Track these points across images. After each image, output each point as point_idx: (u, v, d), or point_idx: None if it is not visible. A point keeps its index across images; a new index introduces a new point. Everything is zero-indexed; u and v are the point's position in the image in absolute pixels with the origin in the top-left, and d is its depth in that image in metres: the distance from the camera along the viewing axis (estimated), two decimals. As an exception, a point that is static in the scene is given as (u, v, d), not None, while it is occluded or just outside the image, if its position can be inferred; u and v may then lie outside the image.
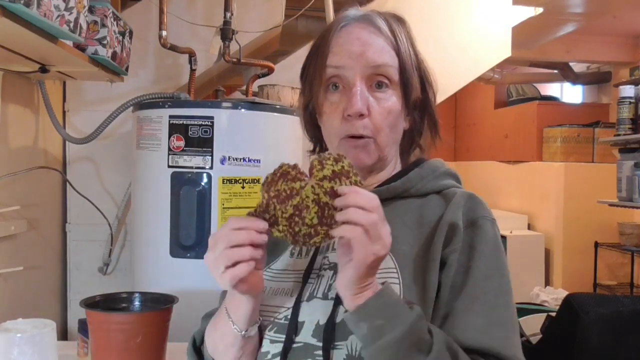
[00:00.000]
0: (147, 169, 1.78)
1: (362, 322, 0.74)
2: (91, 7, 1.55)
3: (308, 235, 0.73)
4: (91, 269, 2.23)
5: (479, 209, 0.88)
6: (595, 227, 4.27)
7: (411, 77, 0.89)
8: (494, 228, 0.87)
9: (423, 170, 0.94)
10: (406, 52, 0.89)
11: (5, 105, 1.73)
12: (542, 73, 5.38)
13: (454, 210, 0.87)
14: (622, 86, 3.14)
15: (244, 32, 2.15)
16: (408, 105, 0.91)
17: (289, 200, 0.74)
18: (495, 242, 0.86)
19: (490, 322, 0.79)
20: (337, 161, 0.74)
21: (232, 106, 1.74)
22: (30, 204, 1.90)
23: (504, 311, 0.81)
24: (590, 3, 3.73)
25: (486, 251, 0.84)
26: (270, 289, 0.91)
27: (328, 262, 0.89)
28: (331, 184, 0.73)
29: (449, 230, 0.85)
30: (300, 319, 0.84)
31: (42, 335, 1.13)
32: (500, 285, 0.83)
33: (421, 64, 0.94)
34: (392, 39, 0.88)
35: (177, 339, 1.27)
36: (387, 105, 0.88)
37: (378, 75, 0.87)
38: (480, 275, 0.82)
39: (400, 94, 0.89)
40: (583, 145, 4.50)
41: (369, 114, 0.86)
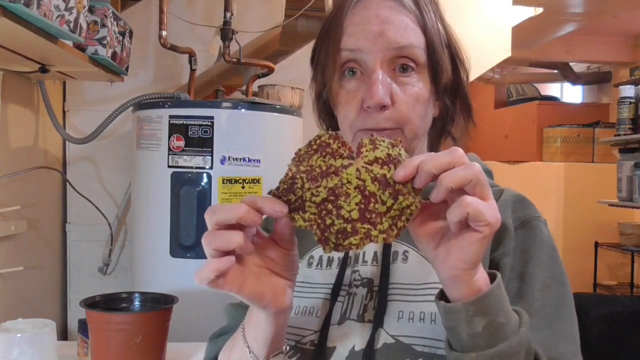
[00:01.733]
0: (147, 169, 1.78)
1: (480, 317, 0.56)
2: (91, 7, 1.55)
3: (342, 232, 0.54)
4: (91, 269, 2.23)
5: (530, 209, 0.77)
6: (595, 227, 4.27)
7: (440, 58, 0.75)
8: (547, 230, 0.77)
9: None
10: (434, 28, 0.75)
11: (5, 105, 1.73)
12: (542, 73, 5.38)
13: (502, 210, 0.70)
14: (622, 86, 3.14)
15: (244, 32, 2.15)
16: (438, 90, 0.78)
17: (324, 179, 0.55)
18: (551, 246, 0.75)
19: (556, 334, 0.69)
20: (394, 145, 0.57)
21: (232, 106, 1.74)
22: (30, 204, 1.90)
23: (569, 324, 0.70)
24: (590, 3, 3.73)
25: (542, 257, 0.73)
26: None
27: (360, 278, 0.75)
28: (384, 171, 0.55)
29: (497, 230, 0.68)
30: (329, 344, 0.71)
31: (42, 335, 1.13)
32: (561, 295, 0.72)
33: (451, 39, 0.80)
34: (417, 14, 0.74)
35: (177, 339, 1.27)
36: (414, 91, 0.73)
37: (402, 57, 0.73)
38: (538, 284, 0.71)
39: (428, 78, 0.75)
40: (583, 145, 4.50)
41: (393, 103, 0.72)
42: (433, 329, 0.67)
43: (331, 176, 0.55)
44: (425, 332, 0.68)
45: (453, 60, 0.80)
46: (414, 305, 0.70)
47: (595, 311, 1.28)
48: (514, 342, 0.57)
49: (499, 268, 0.71)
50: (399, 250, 0.75)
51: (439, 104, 0.81)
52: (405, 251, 0.75)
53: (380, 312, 0.70)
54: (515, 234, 0.74)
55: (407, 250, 0.75)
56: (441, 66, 0.76)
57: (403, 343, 0.68)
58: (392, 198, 0.54)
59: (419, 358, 0.66)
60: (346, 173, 0.55)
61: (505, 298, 0.58)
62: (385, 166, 0.55)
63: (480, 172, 0.53)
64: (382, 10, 0.73)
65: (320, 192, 0.54)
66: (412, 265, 0.73)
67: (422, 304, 0.70)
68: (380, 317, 0.70)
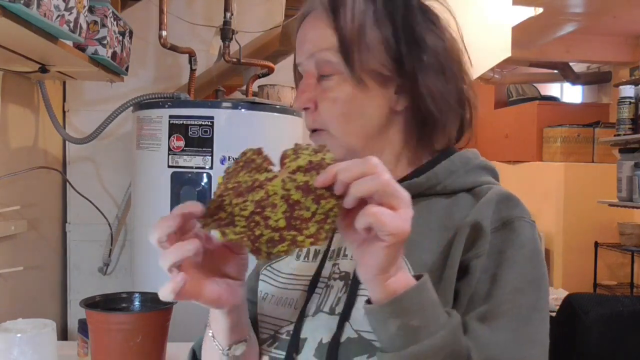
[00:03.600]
0: (147, 169, 1.78)
1: (393, 319, 0.59)
2: (91, 7, 1.55)
3: (271, 241, 0.56)
4: (91, 269, 2.23)
5: (516, 209, 0.74)
6: (595, 227, 4.27)
7: (352, 51, 0.73)
8: (533, 232, 0.73)
9: (453, 163, 0.79)
10: (349, 24, 0.73)
11: (5, 105, 1.73)
12: (542, 73, 5.38)
13: (481, 209, 0.73)
14: (622, 86, 3.15)
15: (244, 32, 2.15)
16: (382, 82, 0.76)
17: (250, 194, 0.58)
18: (533, 249, 0.72)
19: (517, 338, 0.67)
20: (317, 152, 0.60)
21: (232, 106, 1.74)
22: (30, 204, 1.90)
23: (537, 328, 0.68)
24: (590, 3, 3.73)
25: (519, 259, 0.70)
26: (273, 297, 0.82)
27: (339, 271, 0.77)
28: (306, 178, 0.58)
29: (471, 231, 0.72)
30: (302, 335, 0.75)
31: (42, 335, 1.13)
32: (535, 299, 0.69)
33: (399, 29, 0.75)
34: (330, 18, 0.74)
35: (177, 339, 1.27)
36: (332, 94, 0.75)
37: (320, 63, 0.76)
38: (510, 287, 0.69)
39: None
40: (583, 145, 4.50)
41: (317, 107, 0.76)
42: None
43: (257, 190, 0.58)
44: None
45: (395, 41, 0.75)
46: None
47: (595, 311, 1.28)
48: (426, 346, 0.58)
49: (469, 270, 0.71)
50: None
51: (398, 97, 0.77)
52: None
53: (348, 307, 0.72)
54: (494, 235, 0.72)
55: None
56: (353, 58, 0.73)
57: (365, 338, 0.70)
58: (315, 203, 0.57)
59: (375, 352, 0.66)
60: (271, 185, 0.58)
61: (429, 301, 0.60)
62: (307, 173, 0.58)
63: (387, 182, 0.55)
64: (306, 25, 0.78)
65: (247, 206, 0.58)
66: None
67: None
68: (347, 311, 0.72)
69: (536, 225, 0.74)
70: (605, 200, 3.38)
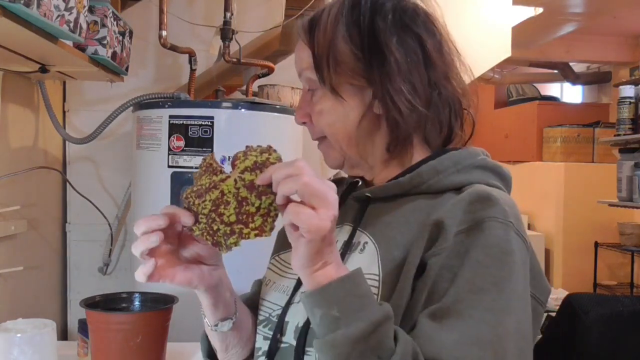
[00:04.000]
0: (147, 169, 1.78)
1: (317, 309, 0.65)
2: (91, 7, 1.55)
3: (226, 234, 0.66)
4: (91, 269, 2.23)
5: (489, 209, 0.72)
6: (595, 227, 4.27)
7: (322, 67, 0.79)
8: (506, 232, 0.71)
9: (441, 162, 0.79)
10: (320, 42, 0.79)
11: (5, 105, 1.73)
12: (542, 73, 5.38)
13: (449, 209, 0.74)
14: (622, 86, 3.14)
15: (244, 32, 2.15)
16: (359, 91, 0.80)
17: (208, 194, 0.67)
18: (501, 249, 0.70)
19: (464, 338, 0.66)
20: (264, 152, 0.68)
21: (232, 106, 1.74)
22: (30, 204, 1.90)
23: (490, 330, 0.66)
24: (590, 3, 3.73)
25: (483, 258, 0.69)
26: (274, 284, 0.89)
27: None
28: (252, 177, 0.66)
29: (433, 229, 0.73)
30: (287, 319, 0.82)
31: (42, 335, 1.13)
32: (495, 300, 0.68)
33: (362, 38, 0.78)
34: (307, 38, 0.82)
35: (177, 339, 1.27)
36: (318, 107, 0.82)
37: (305, 81, 0.84)
38: (468, 286, 0.68)
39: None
40: (583, 145, 4.50)
41: (310, 120, 0.84)
42: None
43: (213, 190, 0.67)
44: None
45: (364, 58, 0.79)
46: None
47: (595, 311, 1.28)
48: (340, 336, 0.63)
49: (426, 267, 0.72)
50: (361, 241, 0.80)
51: (377, 102, 0.80)
52: (365, 242, 0.79)
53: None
54: (463, 235, 0.71)
55: (367, 242, 0.79)
56: (323, 70, 0.79)
57: None
58: (258, 199, 0.65)
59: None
60: (225, 185, 0.67)
61: (352, 294, 0.65)
62: (253, 172, 0.66)
63: (306, 183, 0.62)
64: (297, 46, 0.85)
65: (206, 205, 0.67)
66: (365, 256, 0.77)
67: None
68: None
69: (513, 225, 0.72)
70: (605, 200, 3.38)
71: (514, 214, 0.74)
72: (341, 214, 0.79)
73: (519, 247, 0.72)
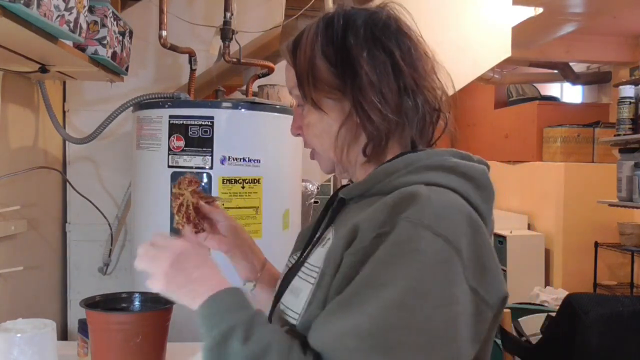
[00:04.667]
0: (147, 169, 1.78)
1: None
2: (91, 7, 1.55)
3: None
4: (91, 269, 2.23)
5: (407, 211, 0.73)
6: (595, 227, 4.27)
7: (303, 84, 0.88)
8: (415, 231, 0.72)
9: (393, 165, 0.84)
10: (301, 61, 0.88)
11: (5, 105, 1.73)
12: (542, 73, 5.38)
13: (372, 210, 0.77)
14: (622, 86, 3.14)
15: (244, 32, 2.15)
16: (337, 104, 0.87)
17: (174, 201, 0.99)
18: (408, 247, 0.71)
19: (344, 329, 0.69)
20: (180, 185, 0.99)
21: (232, 106, 1.74)
22: (30, 204, 1.90)
23: (376, 323, 0.68)
24: (590, 3, 3.73)
25: (384, 257, 0.72)
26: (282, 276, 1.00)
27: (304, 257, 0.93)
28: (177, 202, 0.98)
29: (352, 232, 0.77)
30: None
31: (42, 335, 1.13)
32: (392, 295, 0.69)
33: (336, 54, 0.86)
34: (291, 59, 0.91)
35: (177, 339, 1.27)
36: (306, 120, 0.92)
37: (295, 97, 0.93)
38: (365, 281, 0.71)
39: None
40: (583, 145, 4.50)
41: (302, 131, 0.94)
42: (294, 302, 0.83)
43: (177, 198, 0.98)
44: (290, 304, 0.84)
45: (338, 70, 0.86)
46: (298, 281, 0.86)
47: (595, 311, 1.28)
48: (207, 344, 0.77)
49: (341, 266, 0.77)
50: (327, 236, 0.87)
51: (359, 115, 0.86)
52: (328, 238, 0.86)
53: (285, 284, 0.89)
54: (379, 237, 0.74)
55: (330, 238, 0.86)
56: (304, 89, 0.88)
57: (280, 310, 0.86)
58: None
59: (283, 323, 0.83)
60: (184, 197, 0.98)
61: (206, 315, 0.80)
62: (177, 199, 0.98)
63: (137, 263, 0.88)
64: (287, 65, 0.93)
65: (174, 207, 0.97)
66: (324, 249, 0.84)
67: (301, 281, 0.85)
68: (283, 289, 0.89)
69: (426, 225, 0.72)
70: (605, 200, 3.37)
71: (438, 214, 0.74)
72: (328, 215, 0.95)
73: (431, 247, 0.71)
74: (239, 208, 1.70)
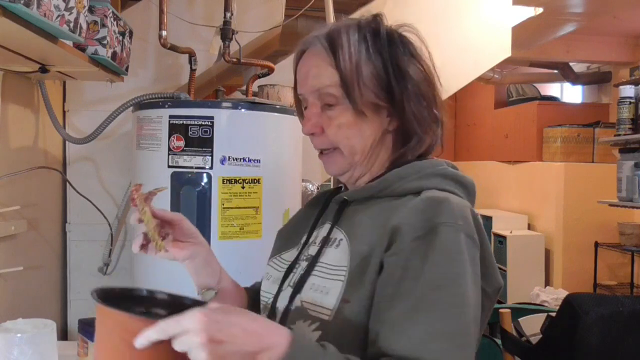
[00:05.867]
0: (147, 169, 1.78)
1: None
2: (91, 7, 1.55)
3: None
4: (91, 269, 2.23)
5: (442, 215, 0.83)
6: (595, 227, 4.27)
7: (353, 88, 0.90)
8: (456, 234, 0.82)
9: (404, 170, 0.93)
10: (347, 64, 0.90)
11: (5, 105, 1.73)
12: (542, 73, 5.38)
13: (406, 214, 0.85)
14: (622, 86, 3.14)
15: (244, 32, 2.15)
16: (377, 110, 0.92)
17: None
18: (454, 250, 0.81)
19: (432, 332, 0.76)
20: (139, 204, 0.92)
21: (232, 106, 1.74)
22: (30, 204, 1.90)
23: (452, 323, 0.77)
24: (590, 3, 3.73)
25: (439, 260, 0.80)
26: (272, 277, 1.01)
27: (307, 254, 0.96)
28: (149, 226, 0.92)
29: (392, 233, 0.84)
30: (277, 305, 0.94)
31: (42, 335, 1.13)
32: (453, 295, 0.78)
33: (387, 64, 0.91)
34: (330, 58, 0.91)
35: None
36: (338, 122, 0.92)
37: (323, 95, 0.92)
38: (429, 284, 0.78)
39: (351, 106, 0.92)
40: (583, 145, 4.50)
41: (323, 131, 0.94)
42: (323, 299, 0.85)
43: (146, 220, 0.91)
44: (318, 301, 0.86)
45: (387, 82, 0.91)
46: (322, 280, 0.88)
47: (595, 311, 1.28)
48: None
49: (384, 268, 0.82)
50: (337, 237, 0.92)
51: (390, 120, 0.94)
52: (340, 239, 0.91)
53: (301, 282, 0.91)
54: (421, 241, 0.82)
55: (342, 239, 0.91)
56: (354, 96, 0.90)
57: (304, 307, 0.88)
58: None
59: (309, 320, 0.86)
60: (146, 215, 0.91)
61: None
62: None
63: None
64: (307, 61, 0.94)
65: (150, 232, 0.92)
66: (339, 251, 0.89)
67: (327, 280, 0.87)
68: (300, 286, 0.90)
69: (462, 227, 0.83)
70: (605, 200, 3.37)
71: (463, 216, 0.85)
72: (325, 215, 0.99)
73: (468, 247, 0.82)
74: (239, 208, 1.70)
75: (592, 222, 4.27)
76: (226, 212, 1.68)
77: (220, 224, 1.68)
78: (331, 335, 0.82)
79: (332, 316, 0.83)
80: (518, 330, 1.70)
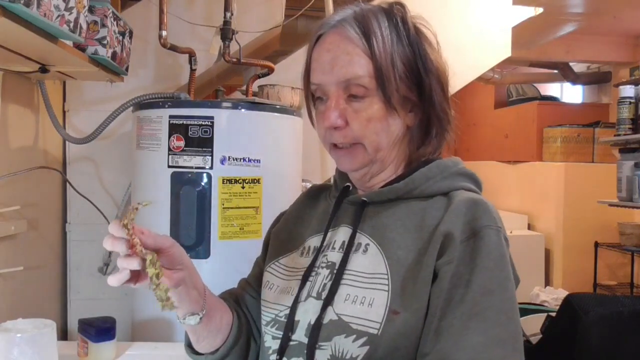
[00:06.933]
0: (147, 169, 1.78)
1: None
2: (91, 7, 1.55)
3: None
4: (91, 269, 2.22)
5: (483, 218, 0.82)
6: (595, 227, 4.27)
7: (389, 81, 0.84)
8: (499, 237, 0.81)
9: (430, 170, 0.89)
10: (382, 54, 0.84)
11: (5, 105, 1.73)
12: (542, 73, 5.38)
13: (452, 219, 0.82)
14: (622, 86, 3.14)
15: (244, 32, 2.15)
16: (404, 104, 0.88)
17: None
18: (499, 254, 0.80)
19: (489, 340, 0.75)
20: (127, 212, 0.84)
21: (232, 106, 1.74)
22: (30, 204, 1.90)
23: (506, 329, 0.77)
24: (590, 3, 3.73)
25: (488, 264, 0.79)
26: (277, 287, 0.94)
27: (326, 261, 0.89)
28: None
29: (444, 240, 0.81)
30: (296, 317, 0.87)
31: (42, 335, 1.13)
32: (503, 300, 0.78)
33: (417, 56, 0.87)
34: (364, 45, 0.84)
35: (177, 339, 1.27)
36: (366, 114, 0.86)
37: (352, 86, 0.85)
38: (480, 290, 0.78)
39: (382, 99, 0.86)
40: (583, 145, 4.50)
41: (347, 124, 0.86)
42: (367, 311, 0.80)
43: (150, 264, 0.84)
44: (362, 314, 0.80)
45: (418, 75, 0.87)
46: (358, 290, 0.82)
47: (595, 311, 1.28)
48: None
49: (439, 275, 0.80)
50: (362, 242, 0.87)
51: (412, 115, 0.90)
52: (367, 244, 0.86)
53: (331, 293, 0.84)
54: (466, 244, 0.80)
55: (369, 243, 0.86)
56: (390, 88, 0.85)
57: (343, 321, 0.81)
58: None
59: (353, 334, 0.79)
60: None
61: None
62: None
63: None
64: (332, 46, 0.86)
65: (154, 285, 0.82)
66: (369, 256, 0.85)
67: (365, 290, 0.82)
68: (331, 296, 0.84)
69: (502, 229, 0.83)
70: (605, 200, 3.37)
71: (499, 217, 0.84)
72: (337, 217, 0.92)
73: (507, 250, 0.83)
74: (239, 208, 1.70)
75: (592, 222, 4.27)
76: (226, 212, 1.68)
77: (220, 224, 1.68)
78: (381, 350, 0.78)
79: (381, 330, 0.78)
80: (518, 330, 1.69)
